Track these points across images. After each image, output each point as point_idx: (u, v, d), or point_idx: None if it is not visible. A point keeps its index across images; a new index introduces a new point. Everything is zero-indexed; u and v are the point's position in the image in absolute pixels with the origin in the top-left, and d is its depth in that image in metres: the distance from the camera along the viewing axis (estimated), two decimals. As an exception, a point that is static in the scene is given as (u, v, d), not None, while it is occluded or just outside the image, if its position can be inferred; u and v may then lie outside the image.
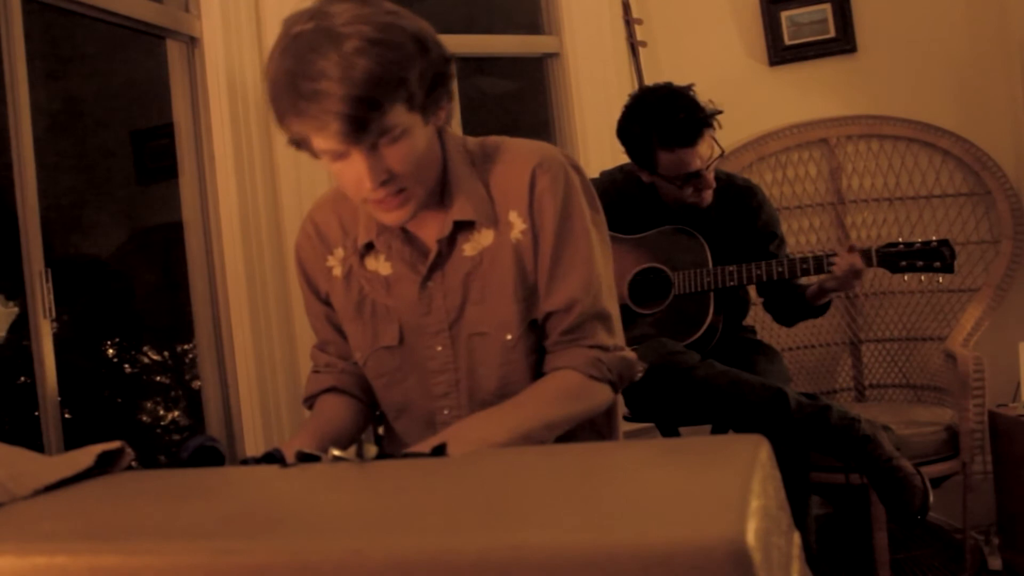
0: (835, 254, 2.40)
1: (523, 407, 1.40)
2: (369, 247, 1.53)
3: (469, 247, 1.48)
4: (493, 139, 1.54)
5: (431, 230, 1.49)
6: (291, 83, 1.28)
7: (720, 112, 2.42)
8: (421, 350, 1.52)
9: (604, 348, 1.47)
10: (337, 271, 1.57)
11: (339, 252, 1.57)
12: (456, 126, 1.60)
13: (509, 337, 1.47)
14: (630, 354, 1.52)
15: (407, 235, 1.51)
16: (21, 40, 2.08)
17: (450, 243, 1.48)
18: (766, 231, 2.56)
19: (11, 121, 2.05)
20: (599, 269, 1.49)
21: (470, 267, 1.48)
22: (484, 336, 1.48)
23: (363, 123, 1.27)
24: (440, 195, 1.47)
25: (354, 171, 1.34)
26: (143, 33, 2.51)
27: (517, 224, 1.46)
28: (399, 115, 1.30)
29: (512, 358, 1.48)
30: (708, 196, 2.49)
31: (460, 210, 1.46)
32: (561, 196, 1.45)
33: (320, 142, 1.33)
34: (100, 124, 3.00)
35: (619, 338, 1.52)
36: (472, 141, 1.53)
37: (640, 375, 1.55)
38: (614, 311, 1.52)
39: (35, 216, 2.07)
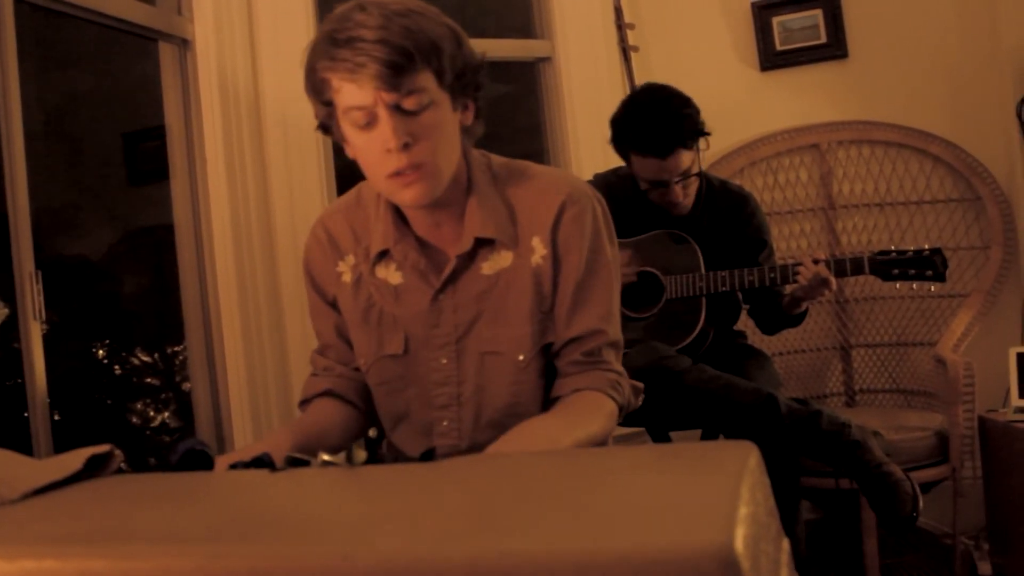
0: (800, 263, 2.41)
1: (573, 420, 1.43)
2: (383, 255, 1.53)
3: (488, 266, 1.50)
4: (521, 163, 1.56)
5: (449, 242, 1.50)
6: (328, 37, 1.33)
7: (706, 134, 2.43)
8: (425, 361, 1.53)
9: (619, 374, 1.52)
10: (347, 277, 1.58)
11: (350, 259, 1.57)
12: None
13: (521, 358, 1.49)
14: (637, 383, 1.57)
15: (424, 246, 1.52)
16: (13, 41, 2.07)
17: (469, 259, 1.50)
18: (757, 238, 2.57)
19: (2, 122, 2.05)
20: (617, 300, 1.54)
21: (486, 286, 1.50)
22: (497, 356, 1.50)
23: (398, 69, 1.30)
24: (461, 208, 1.48)
25: (380, 135, 1.35)
26: (135, 35, 2.51)
27: (539, 249, 1.49)
28: (429, 81, 1.35)
29: (523, 378, 1.50)
30: (681, 208, 2.51)
31: (481, 226, 1.47)
32: (590, 229, 1.49)
33: (349, 95, 1.34)
34: (92, 126, 3.00)
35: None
36: (497, 161, 1.55)
37: (640, 403, 1.60)
38: (622, 341, 1.57)
39: (26, 217, 2.06)
